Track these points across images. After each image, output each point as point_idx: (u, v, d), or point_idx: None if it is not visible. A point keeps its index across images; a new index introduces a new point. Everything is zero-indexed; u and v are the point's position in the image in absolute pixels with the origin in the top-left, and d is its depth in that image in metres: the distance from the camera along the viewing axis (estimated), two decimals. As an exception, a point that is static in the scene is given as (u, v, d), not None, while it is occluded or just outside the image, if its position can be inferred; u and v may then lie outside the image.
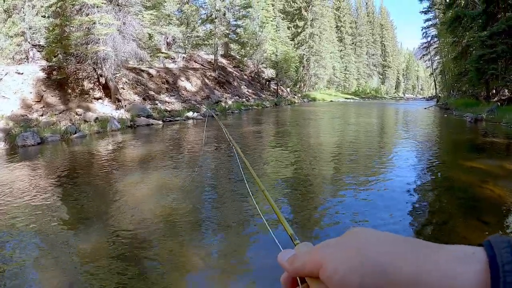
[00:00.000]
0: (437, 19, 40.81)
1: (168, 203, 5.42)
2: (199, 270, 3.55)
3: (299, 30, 55.34)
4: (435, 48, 44.80)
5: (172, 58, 29.22)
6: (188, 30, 31.54)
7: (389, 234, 0.37)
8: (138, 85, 21.02)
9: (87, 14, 15.51)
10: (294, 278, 0.44)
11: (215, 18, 30.65)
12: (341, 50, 72.91)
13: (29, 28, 18.15)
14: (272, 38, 40.22)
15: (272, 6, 48.11)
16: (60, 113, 14.98)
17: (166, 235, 4.31)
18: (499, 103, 20.50)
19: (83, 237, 4.31)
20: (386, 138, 13.61)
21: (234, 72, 36.73)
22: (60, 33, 16.51)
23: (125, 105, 17.88)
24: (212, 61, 32.34)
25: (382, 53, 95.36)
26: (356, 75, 79.58)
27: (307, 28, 55.06)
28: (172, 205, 5.33)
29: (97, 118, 15.29)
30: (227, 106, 26.06)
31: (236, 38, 35.47)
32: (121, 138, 13.31)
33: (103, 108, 16.95)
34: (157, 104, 20.51)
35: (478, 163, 7.93)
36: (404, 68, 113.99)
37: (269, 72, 42.84)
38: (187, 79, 26.40)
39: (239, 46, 37.11)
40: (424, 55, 50.18)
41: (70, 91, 16.45)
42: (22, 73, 15.44)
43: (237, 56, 40.10)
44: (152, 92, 21.63)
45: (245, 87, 36.07)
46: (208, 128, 14.30)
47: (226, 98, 28.97)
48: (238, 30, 35.56)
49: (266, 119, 21.38)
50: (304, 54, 54.55)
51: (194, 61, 32.63)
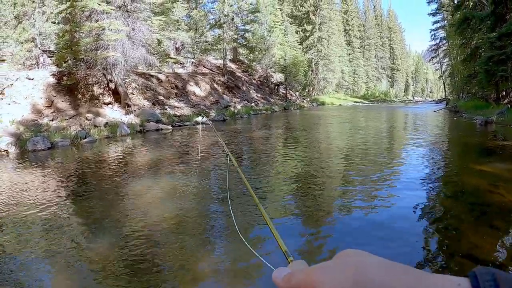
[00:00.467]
0: (445, 21, 40.47)
1: (177, 208, 5.41)
2: (207, 275, 3.53)
3: (307, 34, 55.22)
4: (444, 50, 44.51)
5: (181, 63, 29.30)
6: (196, 35, 31.69)
7: (381, 258, 0.38)
8: (147, 90, 21.05)
9: (97, 20, 15.58)
10: None
11: (224, 23, 30.69)
12: (349, 54, 72.64)
13: (39, 34, 18.32)
14: (280, 42, 40.23)
15: (280, 10, 48.23)
16: (70, 118, 15.00)
17: (174, 239, 4.31)
18: (510, 105, 20.08)
19: (93, 241, 4.32)
20: (395, 142, 13.39)
21: (243, 76, 36.73)
22: (70, 39, 16.58)
23: (135, 110, 17.86)
24: (221, 66, 32.33)
25: (390, 56, 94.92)
26: (365, 78, 79.20)
27: (315, 32, 54.94)
28: (180, 210, 5.32)
29: (107, 123, 15.27)
30: (236, 111, 25.94)
31: (245, 43, 35.45)
32: (130, 143, 13.26)
33: (112, 113, 16.96)
34: (166, 109, 20.48)
35: (489, 166, 7.78)
36: (413, 71, 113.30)
37: (278, 77, 42.78)
38: (196, 84, 26.40)
39: (248, 51, 37.08)
40: (433, 57, 49.89)
41: (80, 96, 16.49)
42: (32, 79, 15.52)
43: (246, 61, 40.11)
44: (161, 97, 21.63)
45: (254, 91, 36.01)
46: (212, 134, 14.20)
47: (235, 102, 28.89)
48: (246, 34, 35.54)
49: (274, 123, 21.26)
50: (312, 58, 54.41)
51: (203, 66, 32.70)
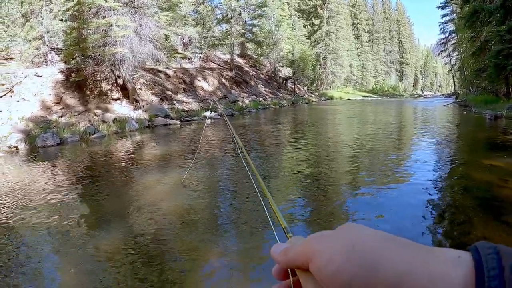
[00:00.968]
0: (454, 14, 39.69)
1: (185, 202, 5.41)
2: (215, 266, 3.54)
3: (315, 28, 54.81)
4: (453, 44, 43.71)
5: (188, 59, 29.23)
6: (204, 30, 31.57)
7: (381, 232, 0.37)
8: (155, 85, 21.01)
9: (104, 17, 15.54)
10: (286, 270, 0.44)
11: (231, 18, 30.60)
12: (358, 48, 71.96)
13: (47, 32, 18.29)
14: (288, 36, 39.92)
15: (288, 4, 47.85)
16: (79, 114, 15.00)
17: (182, 232, 4.32)
18: (520, 100, 19.72)
19: (102, 235, 4.32)
20: (404, 136, 13.29)
21: (251, 71, 36.58)
22: (77, 36, 16.56)
23: (143, 106, 17.83)
24: (229, 60, 32.25)
25: (399, 50, 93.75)
26: (373, 72, 78.44)
27: (323, 26, 54.50)
28: (188, 204, 5.32)
29: (115, 118, 15.28)
30: (244, 106, 25.91)
31: (252, 38, 35.32)
32: (139, 138, 13.25)
33: (121, 109, 16.95)
34: (174, 104, 20.44)
35: (498, 161, 7.69)
36: (422, 65, 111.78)
37: (286, 71, 42.56)
38: (204, 79, 26.33)
39: (255, 45, 36.99)
40: (442, 51, 48.98)
41: (88, 92, 16.49)
42: (41, 76, 15.54)
43: (254, 55, 39.99)
44: (169, 92, 21.58)
45: (262, 86, 35.84)
46: (220, 128, 14.18)
47: (243, 97, 28.80)
48: (254, 29, 35.40)
49: (282, 118, 21.21)
50: (320, 52, 54.04)
51: (211, 61, 32.61)
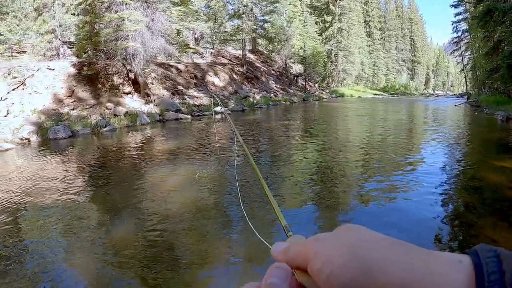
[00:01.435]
0: (467, 13, 38.95)
1: (195, 196, 5.40)
2: (223, 260, 3.56)
3: (327, 25, 54.28)
4: (466, 43, 42.94)
5: (200, 54, 29.17)
6: (215, 25, 31.54)
7: (380, 234, 0.37)
8: (167, 80, 20.96)
9: (116, 11, 15.55)
10: None
11: (243, 13, 30.42)
12: (369, 45, 71.16)
13: (59, 26, 18.33)
14: (299, 33, 39.59)
15: (300, 1, 47.42)
16: (90, 107, 15.01)
17: (192, 226, 4.35)
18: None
19: (113, 227, 4.29)
20: (414, 136, 13.16)
21: (262, 67, 36.39)
22: (89, 30, 16.60)
23: (154, 100, 17.80)
24: (240, 56, 32.09)
25: (411, 48, 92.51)
26: (385, 70, 77.59)
27: (335, 23, 53.97)
28: (198, 198, 5.30)
29: (126, 112, 15.26)
30: (255, 101, 25.82)
31: (264, 33, 35.10)
32: (150, 132, 13.21)
33: (132, 102, 16.93)
34: (185, 99, 20.37)
35: (509, 163, 7.60)
36: (434, 64, 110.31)
37: (297, 68, 42.27)
38: (215, 74, 26.22)
39: (267, 41, 36.76)
40: (454, 50, 48.12)
41: (100, 86, 16.50)
42: (53, 69, 15.57)
43: (265, 51, 39.75)
44: (180, 87, 21.53)
45: (273, 82, 35.62)
46: (228, 124, 14.08)
47: (254, 93, 28.64)
48: (265, 25, 35.16)
49: (293, 115, 21.11)
50: (332, 49, 53.55)
51: (222, 56, 32.52)
